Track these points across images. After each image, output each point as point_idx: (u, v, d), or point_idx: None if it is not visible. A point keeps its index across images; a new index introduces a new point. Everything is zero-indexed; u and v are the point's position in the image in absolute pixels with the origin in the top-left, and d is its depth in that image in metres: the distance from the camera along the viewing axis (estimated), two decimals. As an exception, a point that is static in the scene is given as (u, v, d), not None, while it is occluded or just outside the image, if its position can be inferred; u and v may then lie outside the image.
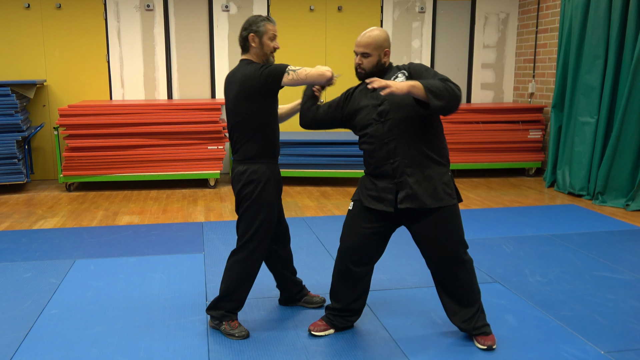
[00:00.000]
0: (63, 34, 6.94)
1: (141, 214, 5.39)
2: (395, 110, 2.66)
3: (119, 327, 3.01)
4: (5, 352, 2.74)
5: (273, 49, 2.88)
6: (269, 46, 2.86)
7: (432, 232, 2.69)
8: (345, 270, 2.84)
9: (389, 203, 2.69)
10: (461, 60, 7.81)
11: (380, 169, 2.71)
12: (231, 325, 2.91)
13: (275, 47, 2.88)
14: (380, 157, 2.70)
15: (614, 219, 5.15)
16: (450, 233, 2.70)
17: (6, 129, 6.14)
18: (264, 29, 2.84)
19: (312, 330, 2.92)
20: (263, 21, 2.85)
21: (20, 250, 4.27)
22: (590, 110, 6.04)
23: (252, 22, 2.85)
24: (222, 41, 7.25)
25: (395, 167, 2.66)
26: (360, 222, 2.79)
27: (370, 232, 2.77)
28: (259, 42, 2.85)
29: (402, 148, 2.66)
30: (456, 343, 2.83)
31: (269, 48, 2.86)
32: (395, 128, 2.66)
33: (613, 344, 2.81)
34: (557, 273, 3.77)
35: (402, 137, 2.66)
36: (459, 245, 2.73)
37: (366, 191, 2.79)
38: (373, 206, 2.73)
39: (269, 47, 2.86)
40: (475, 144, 7.04)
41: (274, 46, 2.87)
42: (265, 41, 2.84)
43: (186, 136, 6.45)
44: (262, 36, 2.84)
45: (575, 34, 6.19)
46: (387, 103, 2.68)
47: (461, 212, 5.31)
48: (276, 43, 2.88)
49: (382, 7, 7.52)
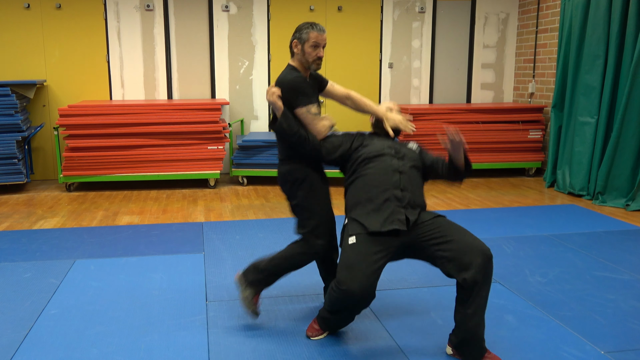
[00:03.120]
0: (63, 34, 6.94)
1: (141, 214, 5.39)
2: (410, 160, 2.85)
3: (119, 327, 3.01)
4: (5, 352, 2.74)
5: (316, 57, 2.91)
6: (311, 54, 2.90)
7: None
8: (350, 309, 2.70)
9: (402, 223, 2.64)
10: (461, 60, 7.81)
11: (385, 194, 2.70)
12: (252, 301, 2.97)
13: (318, 55, 2.91)
14: (387, 182, 2.72)
15: (614, 219, 5.15)
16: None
17: (6, 129, 6.14)
18: (306, 36, 2.89)
19: (309, 335, 2.91)
20: (307, 28, 2.89)
21: (20, 250, 4.27)
22: (590, 110, 6.04)
23: (298, 29, 2.93)
24: (222, 41, 7.25)
25: (404, 195, 2.71)
26: (371, 250, 2.58)
27: (381, 258, 2.58)
28: (301, 48, 2.91)
29: (409, 183, 2.76)
30: (456, 343, 2.83)
31: (310, 56, 2.91)
32: (408, 170, 2.80)
33: (613, 344, 2.81)
34: (557, 273, 3.77)
35: (411, 178, 2.79)
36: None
37: (370, 218, 2.68)
38: (387, 228, 2.61)
39: (311, 55, 2.91)
40: (475, 144, 7.04)
41: (316, 54, 2.90)
42: (307, 49, 2.90)
43: (186, 136, 6.45)
44: (304, 43, 2.90)
45: (575, 34, 6.19)
46: (403, 153, 2.88)
47: (461, 212, 5.34)
48: (319, 51, 2.90)
49: (382, 7, 7.52)
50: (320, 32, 2.89)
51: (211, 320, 3.09)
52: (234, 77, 7.35)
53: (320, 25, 2.91)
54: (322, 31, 2.90)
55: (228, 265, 3.91)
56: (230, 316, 3.14)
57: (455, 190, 6.40)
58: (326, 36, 2.95)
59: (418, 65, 7.72)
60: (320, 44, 2.90)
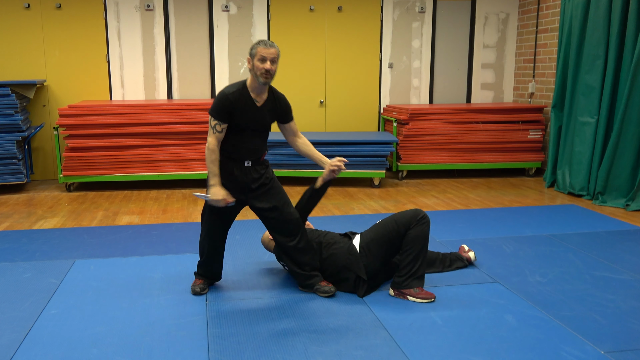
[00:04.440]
0: (63, 34, 6.94)
1: (141, 214, 5.39)
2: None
3: (119, 327, 3.01)
4: (5, 352, 2.74)
5: (263, 70, 3.11)
6: (258, 67, 3.11)
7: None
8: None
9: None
10: (461, 60, 7.81)
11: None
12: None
13: (265, 68, 3.10)
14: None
15: (614, 219, 5.15)
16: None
17: (6, 129, 6.14)
18: (254, 51, 3.12)
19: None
20: (257, 45, 3.14)
21: (20, 250, 4.27)
22: (590, 110, 6.04)
23: (251, 47, 3.16)
24: (222, 41, 7.25)
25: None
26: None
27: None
28: (252, 63, 3.14)
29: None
30: (457, 343, 2.83)
31: (258, 69, 3.11)
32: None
33: (613, 344, 2.81)
34: (557, 273, 3.77)
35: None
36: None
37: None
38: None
39: (258, 68, 3.11)
40: (475, 144, 7.04)
41: (263, 67, 3.10)
42: (255, 62, 3.11)
43: (186, 136, 6.45)
44: (253, 58, 3.13)
45: (575, 34, 6.19)
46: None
47: (461, 212, 5.34)
48: (266, 64, 3.10)
49: (382, 7, 7.52)
50: (267, 46, 3.10)
51: (211, 320, 3.09)
52: (234, 77, 7.35)
53: (269, 41, 3.14)
54: (269, 46, 3.11)
55: (228, 266, 3.91)
56: (230, 316, 3.14)
57: (455, 190, 6.40)
58: (276, 50, 3.13)
59: (418, 65, 7.72)
60: (266, 57, 3.10)
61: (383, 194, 6.27)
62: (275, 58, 3.12)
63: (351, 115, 7.66)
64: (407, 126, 6.92)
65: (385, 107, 7.62)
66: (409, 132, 6.90)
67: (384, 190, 6.44)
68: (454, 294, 3.41)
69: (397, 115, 7.06)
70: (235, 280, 3.66)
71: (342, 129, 7.66)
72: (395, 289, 3.37)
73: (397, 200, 5.94)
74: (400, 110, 7.08)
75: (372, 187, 6.58)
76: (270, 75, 3.13)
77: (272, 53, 3.10)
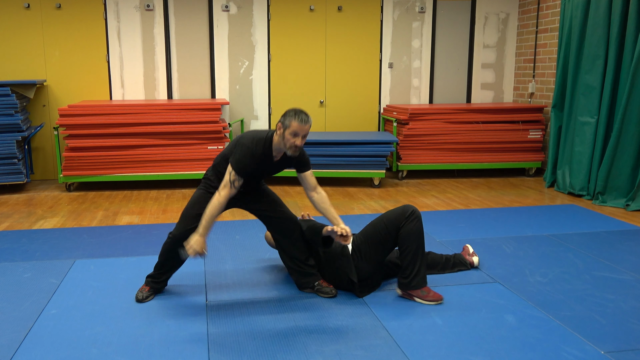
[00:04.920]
0: (63, 34, 6.94)
1: (141, 214, 5.39)
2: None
3: (119, 327, 3.01)
4: (5, 352, 2.74)
5: (293, 145, 3.03)
6: (289, 141, 3.03)
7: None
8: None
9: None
10: (461, 60, 7.81)
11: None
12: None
13: (295, 143, 3.03)
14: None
15: (614, 219, 5.15)
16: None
17: (6, 129, 6.14)
18: (289, 123, 3.01)
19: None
20: (292, 117, 3.01)
21: (20, 250, 4.27)
22: (590, 110, 6.04)
23: (285, 113, 3.05)
24: (222, 41, 7.25)
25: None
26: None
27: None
28: (281, 133, 3.05)
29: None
30: (457, 343, 2.83)
31: (288, 142, 3.04)
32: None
33: (613, 344, 2.81)
34: (557, 273, 3.77)
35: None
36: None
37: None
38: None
39: (289, 142, 3.03)
40: (475, 144, 7.04)
41: (293, 142, 3.03)
42: (287, 135, 3.03)
43: (186, 136, 6.45)
44: (285, 129, 3.03)
45: (575, 34, 6.19)
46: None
47: (461, 212, 5.34)
48: (297, 140, 3.02)
49: (382, 7, 7.52)
50: (303, 123, 3.00)
51: (211, 320, 3.09)
52: (234, 77, 7.35)
53: (305, 115, 3.01)
54: (305, 122, 3.01)
55: (228, 265, 3.91)
56: (230, 316, 3.14)
57: (455, 190, 6.40)
58: (310, 127, 3.04)
59: (418, 65, 7.72)
60: (299, 134, 3.01)
61: (383, 194, 6.27)
62: (307, 134, 3.07)
63: (351, 115, 7.66)
64: (407, 126, 6.92)
65: (385, 107, 7.62)
66: (409, 132, 6.90)
67: (384, 190, 6.44)
68: (454, 294, 3.41)
69: (397, 115, 7.06)
70: (235, 280, 3.66)
71: (342, 129, 7.66)
72: (402, 289, 3.36)
73: (397, 200, 5.94)
74: (400, 110, 7.08)
75: (372, 187, 6.58)
76: (299, 150, 3.08)
77: (307, 130, 3.03)
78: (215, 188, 3.18)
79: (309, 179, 3.29)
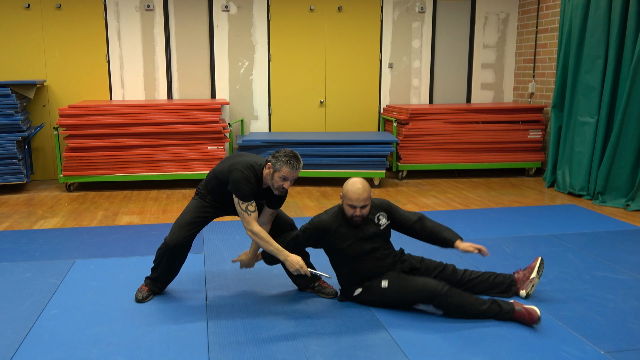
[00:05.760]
0: (63, 34, 6.94)
1: (141, 214, 5.39)
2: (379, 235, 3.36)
3: (119, 327, 3.01)
4: (5, 352, 2.74)
5: (281, 187, 3.08)
6: (277, 182, 3.07)
7: None
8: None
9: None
10: (461, 60, 7.81)
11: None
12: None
13: (283, 186, 3.07)
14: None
15: (614, 219, 5.15)
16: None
17: (6, 129, 6.14)
18: (279, 167, 3.04)
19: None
20: (284, 163, 3.02)
21: (20, 250, 4.27)
22: (590, 110, 6.04)
23: (276, 155, 3.07)
24: (222, 41, 7.25)
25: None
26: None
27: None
28: (271, 173, 3.08)
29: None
30: (457, 343, 2.83)
31: (276, 183, 3.08)
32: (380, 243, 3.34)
33: (613, 344, 2.81)
34: (557, 273, 3.77)
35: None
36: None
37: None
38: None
39: (277, 183, 3.08)
40: (475, 144, 7.04)
41: (281, 185, 3.07)
42: (276, 177, 3.07)
43: (186, 136, 6.45)
44: (275, 171, 3.06)
45: (575, 34, 6.19)
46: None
47: (461, 212, 5.34)
48: (285, 184, 3.06)
49: (382, 7, 7.52)
50: (293, 170, 3.04)
51: (211, 320, 3.09)
52: (234, 77, 7.36)
53: (296, 162, 3.05)
54: (295, 169, 3.05)
55: (228, 265, 3.91)
56: (230, 316, 3.14)
57: (455, 190, 6.40)
58: (298, 173, 3.09)
59: (418, 65, 7.72)
60: (288, 178, 3.06)
61: (383, 194, 6.27)
62: (295, 178, 3.12)
63: (351, 115, 7.66)
64: (407, 126, 6.92)
65: (385, 107, 7.62)
66: (409, 132, 6.90)
67: (384, 190, 6.44)
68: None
69: (397, 115, 7.06)
70: (235, 280, 3.66)
71: (342, 129, 7.66)
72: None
73: (397, 200, 5.94)
74: (400, 110, 7.08)
75: (372, 187, 6.58)
76: (284, 191, 3.13)
77: (295, 176, 3.09)
78: (207, 198, 3.30)
79: (271, 215, 3.32)
